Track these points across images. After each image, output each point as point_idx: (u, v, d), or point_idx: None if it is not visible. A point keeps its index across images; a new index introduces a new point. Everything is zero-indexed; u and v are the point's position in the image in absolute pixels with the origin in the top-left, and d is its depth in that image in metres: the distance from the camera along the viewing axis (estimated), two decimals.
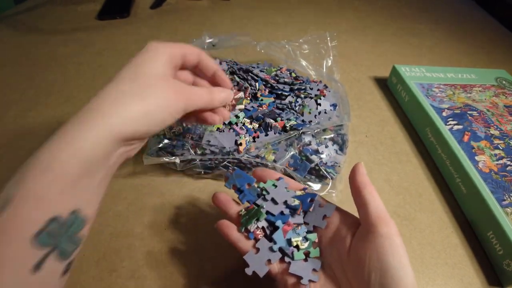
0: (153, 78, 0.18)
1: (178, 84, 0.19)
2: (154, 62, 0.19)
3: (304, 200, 0.23)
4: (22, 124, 0.37)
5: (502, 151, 0.34)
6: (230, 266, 0.26)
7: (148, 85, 0.18)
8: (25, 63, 0.47)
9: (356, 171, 0.21)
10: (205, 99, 0.21)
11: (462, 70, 0.46)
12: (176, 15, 0.60)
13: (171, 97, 0.18)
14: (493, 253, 0.28)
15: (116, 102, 0.16)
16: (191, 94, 0.20)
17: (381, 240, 0.18)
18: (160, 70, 0.19)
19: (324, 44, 0.41)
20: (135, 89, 0.17)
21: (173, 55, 0.20)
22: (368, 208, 0.19)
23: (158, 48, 0.19)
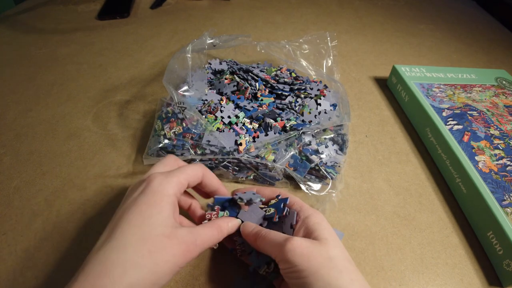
0: (159, 240, 0.17)
1: (186, 238, 0.19)
2: (162, 217, 0.18)
3: (277, 207, 0.24)
4: (22, 124, 0.37)
5: (502, 151, 0.34)
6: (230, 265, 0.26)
7: (155, 250, 0.17)
8: (25, 63, 0.47)
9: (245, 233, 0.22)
10: (213, 240, 0.21)
11: (462, 70, 0.46)
12: (176, 15, 0.60)
13: (180, 258, 0.18)
14: (493, 253, 0.28)
15: (123, 273, 0.16)
16: (198, 243, 0.19)
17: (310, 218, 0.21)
18: (167, 224, 0.18)
19: (324, 44, 0.41)
20: (144, 258, 0.17)
21: (179, 192, 0.20)
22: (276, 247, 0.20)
23: (164, 191, 0.19)
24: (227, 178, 0.32)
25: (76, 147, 0.35)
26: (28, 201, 0.29)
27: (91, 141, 0.35)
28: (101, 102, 0.41)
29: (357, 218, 0.30)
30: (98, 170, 0.32)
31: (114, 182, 0.31)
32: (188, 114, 0.31)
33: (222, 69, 0.41)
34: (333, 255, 0.19)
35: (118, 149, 0.34)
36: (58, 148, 0.34)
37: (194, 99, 0.35)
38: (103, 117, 0.39)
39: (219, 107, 0.34)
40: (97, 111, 0.39)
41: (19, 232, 0.27)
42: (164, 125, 0.32)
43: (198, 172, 0.22)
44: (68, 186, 0.31)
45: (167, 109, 0.34)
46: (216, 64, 0.42)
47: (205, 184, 0.23)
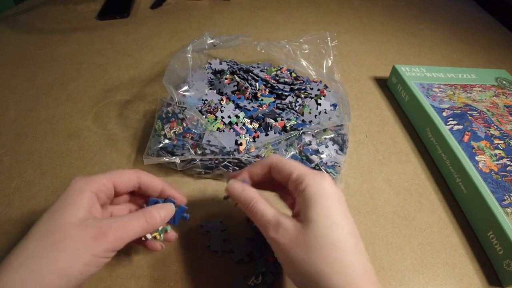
0: (66, 229, 0.17)
1: (97, 224, 0.18)
2: (74, 209, 0.18)
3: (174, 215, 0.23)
4: (22, 124, 0.37)
5: (502, 151, 0.34)
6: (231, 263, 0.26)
7: (58, 241, 0.16)
8: (25, 63, 0.47)
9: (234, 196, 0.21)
10: (138, 226, 0.19)
11: (462, 70, 0.46)
12: (176, 15, 0.60)
13: (84, 242, 0.17)
14: (493, 253, 0.28)
15: (30, 271, 0.15)
16: (114, 227, 0.18)
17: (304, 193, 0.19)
18: (79, 216, 0.17)
19: (324, 44, 0.41)
20: (47, 250, 0.16)
21: (99, 190, 0.19)
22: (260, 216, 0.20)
23: (80, 188, 0.18)
24: (227, 178, 0.32)
25: (76, 147, 0.35)
26: (28, 201, 0.29)
27: (91, 141, 0.35)
28: (101, 102, 0.41)
29: (357, 218, 0.30)
30: (98, 170, 0.32)
31: None
32: (188, 114, 0.31)
33: (222, 69, 0.41)
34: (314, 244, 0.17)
35: (118, 149, 0.34)
36: (58, 148, 0.34)
37: (194, 99, 0.35)
38: (103, 117, 0.39)
39: (219, 107, 0.34)
40: (97, 111, 0.39)
41: (19, 233, 0.27)
42: (164, 125, 0.32)
43: (129, 173, 0.21)
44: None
45: (167, 109, 0.34)
46: (216, 64, 0.42)
47: (145, 187, 0.22)
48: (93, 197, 0.19)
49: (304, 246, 0.17)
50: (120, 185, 0.21)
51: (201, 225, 0.28)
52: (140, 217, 0.20)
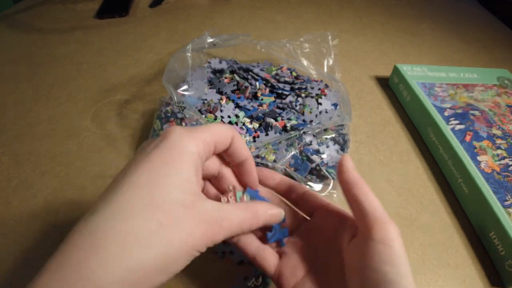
0: (175, 209, 0.13)
1: (207, 213, 0.14)
2: (179, 177, 0.13)
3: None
4: (21, 124, 0.37)
5: (504, 151, 0.34)
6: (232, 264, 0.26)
7: (168, 222, 0.12)
8: (24, 62, 0.47)
9: (342, 167, 0.17)
10: (245, 225, 0.16)
11: (464, 70, 0.46)
12: (176, 14, 0.60)
13: (199, 239, 0.13)
14: (495, 254, 0.27)
15: (121, 250, 0.11)
16: (224, 225, 0.15)
17: (378, 247, 0.15)
18: (187, 190, 0.13)
19: (325, 43, 0.41)
20: (151, 228, 0.12)
21: (203, 152, 0.15)
22: (361, 210, 0.16)
23: (183, 148, 0.14)
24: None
25: (75, 147, 0.34)
26: (27, 201, 0.29)
27: (90, 141, 0.35)
28: (100, 101, 0.41)
29: None
30: (98, 170, 0.32)
31: None
32: (188, 114, 0.30)
33: (222, 68, 0.41)
34: None
35: (118, 149, 0.34)
36: (57, 148, 0.34)
37: (194, 99, 0.35)
38: (102, 117, 0.38)
39: (219, 107, 0.33)
40: (96, 111, 0.39)
41: (18, 233, 0.27)
42: (163, 124, 0.32)
43: (227, 133, 0.17)
44: (67, 186, 0.30)
45: (166, 108, 0.34)
46: (216, 63, 0.42)
47: (232, 151, 0.18)
48: (199, 163, 0.14)
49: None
50: (219, 146, 0.16)
51: None
52: (248, 214, 0.16)
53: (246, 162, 0.18)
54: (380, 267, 0.15)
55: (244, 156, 0.18)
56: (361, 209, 0.16)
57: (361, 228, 0.17)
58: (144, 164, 0.13)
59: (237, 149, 0.18)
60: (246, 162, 0.18)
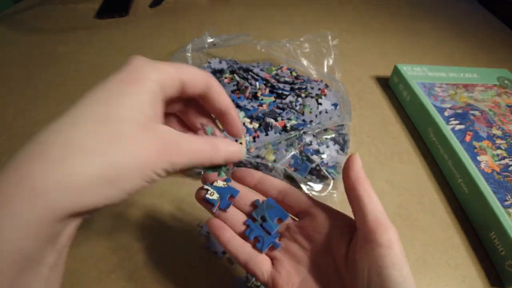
0: (128, 125, 0.12)
1: (164, 133, 0.14)
2: (135, 97, 0.13)
3: (223, 194, 0.20)
4: (20, 124, 0.37)
5: (504, 151, 0.34)
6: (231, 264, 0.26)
7: (118, 135, 0.12)
8: (24, 62, 0.46)
9: (349, 165, 0.17)
10: (204, 155, 0.15)
11: (464, 70, 0.46)
12: (176, 14, 0.60)
13: (150, 153, 0.13)
14: (495, 254, 0.27)
15: (63, 157, 0.11)
16: (183, 148, 0.14)
17: (381, 250, 0.15)
18: (142, 111, 0.13)
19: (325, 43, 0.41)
20: (98, 139, 0.12)
21: (165, 84, 0.14)
22: (364, 211, 0.16)
23: (144, 73, 0.14)
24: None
25: None
26: None
27: None
28: None
29: None
30: None
31: None
32: None
33: (222, 68, 0.40)
34: None
35: None
36: None
37: None
38: None
39: None
40: None
41: None
42: None
43: (202, 77, 0.16)
44: None
45: None
46: (216, 63, 0.42)
47: (210, 99, 0.17)
48: (158, 92, 0.14)
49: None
50: (188, 87, 0.15)
51: (201, 225, 0.28)
52: (207, 145, 0.15)
53: (227, 111, 0.17)
54: (383, 270, 0.15)
55: (223, 105, 0.17)
56: (364, 211, 0.16)
57: (362, 230, 0.16)
58: (102, 85, 0.13)
59: (215, 97, 0.17)
60: (227, 111, 0.17)
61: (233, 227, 0.20)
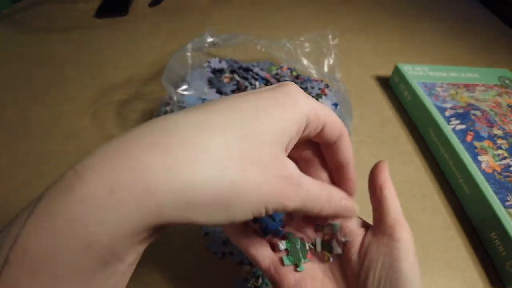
0: (267, 149, 0.11)
1: (291, 170, 0.12)
2: (285, 123, 0.12)
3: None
4: (19, 124, 0.37)
5: (505, 151, 0.33)
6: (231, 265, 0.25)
7: (253, 157, 0.11)
8: (22, 62, 0.46)
9: (380, 169, 0.18)
10: (318, 204, 0.14)
11: (465, 69, 0.46)
12: (175, 13, 0.60)
13: (272, 187, 0.11)
14: (496, 254, 0.27)
15: (188, 160, 0.10)
16: (302, 191, 0.13)
17: (397, 245, 0.16)
18: (283, 139, 0.12)
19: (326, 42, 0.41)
20: (232, 154, 0.10)
21: (311, 120, 0.13)
22: (386, 209, 0.17)
23: (298, 102, 0.13)
24: None
25: (73, 148, 0.34)
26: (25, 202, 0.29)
27: (89, 141, 0.35)
28: (99, 101, 0.40)
29: None
30: None
31: None
32: None
33: (222, 67, 0.40)
34: None
35: None
36: (55, 149, 0.34)
37: (194, 98, 0.34)
38: (101, 117, 0.38)
39: None
40: (95, 111, 0.39)
41: None
42: None
43: (338, 121, 0.15)
44: None
45: (166, 108, 0.34)
46: (216, 62, 0.41)
47: (338, 148, 0.16)
48: (303, 125, 0.13)
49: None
50: (326, 130, 0.14)
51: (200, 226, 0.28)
52: (324, 192, 0.14)
53: (347, 166, 0.17)
54: (396, 262, 0.15)
55: (348, 158, 0.17)
56: (386, 209, 0.17)
57: (381, 225, 0.17)
58: (252, 95, 0.12)
59: (343, 148, 0.16)
60: (348, 166, 0.17)
61: None
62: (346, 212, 0.16)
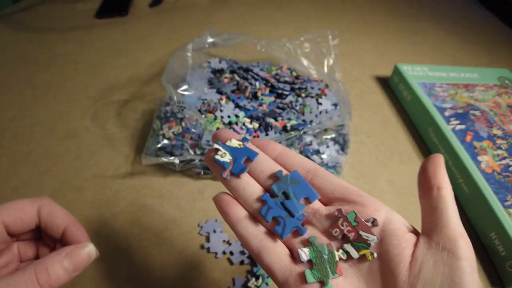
0: None
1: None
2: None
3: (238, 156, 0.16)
4: (19, 124, 0.37)
5: (504, 151, 0.33)
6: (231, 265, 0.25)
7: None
8: (23, 62, 0.46)
9: (437, 163, 0.15)
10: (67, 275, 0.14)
11: (464, 69, 0.46)
12: (175, 13, 0.60)
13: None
14: (496, 254, 0.27)
15: None
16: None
17: (460, 264, 0.13)
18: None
19: (326, 42, 0.41)
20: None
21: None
22: (447, 216, 0.14)
23: None
24: None
25: (74, 147, 0.34)
26: None
27: (89, 141, 0.35)
28: (99, 101, 0.40)
29: None
30: (96, 170, 0.32)
31: (112, 183, 0.31)
32: (187, 114, 0.30)
33: (222, 68, 0.40)
34: None
35: (117, 149, 0.34)
36: (55, 148, 0.34)
37: (194, 99, 0.35)
38: (101, 117, 0.38)
39: (218, 107, 0.33)
40: (95, 111, 0.39)
41: None
42: (163, 124, 0.32)
43: (25, 207, 0.15)
44: (65, 187, 0.30)
45: (166, 108, 0.34)
46: (216, 63, 0.41)
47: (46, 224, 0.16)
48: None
49: None
50: (14, 225, 0.15)
51: (200, 226, 0.28)
52: (29, 276, 0.13)
53: (70, 227, 0.16)
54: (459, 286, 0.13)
55: (65, 222, 0.16)
56: (446, 216, 0.14)
57: (438, 238, 0.14)
58: None
59: (52, 221, 0.15)
60: (71, 227, 0.16)
61: (245, 202, 0.15)
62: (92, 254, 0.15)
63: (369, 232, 0.14)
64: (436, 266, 0.13)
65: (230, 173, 0.16)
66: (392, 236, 0.14)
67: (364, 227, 0.14)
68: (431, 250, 0.14)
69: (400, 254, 0.14)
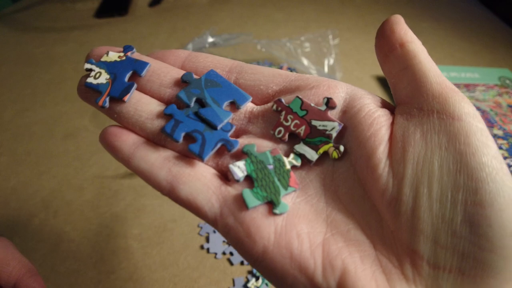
0: None
1: None
2: None
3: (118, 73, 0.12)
4: (19, 123, 0.37)
5: (505, 151, 0.33)
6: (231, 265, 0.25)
7: None
8: (22, 62, 0.46)
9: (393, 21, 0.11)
10: None
11: (465, 69, 0.46)
12: (175, 13, 0.60)
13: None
14: None
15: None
16: None
17: (461, 124, 0.09)
18: None
19: (326, 42, 0.41)
20: None
21: None
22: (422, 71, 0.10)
23: None
24: None
25: (73, 147, 0.34)
26: (25, 202, 0.29)
27: (89, 141, 0.35)
28: None
29: None
30: (96, 170, 0.32)
31: (112, 183, 0.31)
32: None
33: None
34: None
35: None
36: (55, 148, 0.34)
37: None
38: (101, 117, 0.38)
39: None
40: (94, 111, 0.39)
41: (16, 233, 0.26)
42: None
43: None
44: (65, 187, 0.30)
45: None
46: None
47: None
48: None
49: None
50: None
51: (200, 226, 0.28)
52: None
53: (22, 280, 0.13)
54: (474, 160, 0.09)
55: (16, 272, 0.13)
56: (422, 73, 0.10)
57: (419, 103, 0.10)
58: None
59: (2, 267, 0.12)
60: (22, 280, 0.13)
61: (141, 128, 0.11)
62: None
63: (325, 119, 0.10)
64: (426, 138, 0.09)
65: (108, 97, 0.11)
66: (358, 116, 0.10)
67: (317, 114, 0.10)
68: (413, 120, 0.10)
69: (373, 136, 0.10)
